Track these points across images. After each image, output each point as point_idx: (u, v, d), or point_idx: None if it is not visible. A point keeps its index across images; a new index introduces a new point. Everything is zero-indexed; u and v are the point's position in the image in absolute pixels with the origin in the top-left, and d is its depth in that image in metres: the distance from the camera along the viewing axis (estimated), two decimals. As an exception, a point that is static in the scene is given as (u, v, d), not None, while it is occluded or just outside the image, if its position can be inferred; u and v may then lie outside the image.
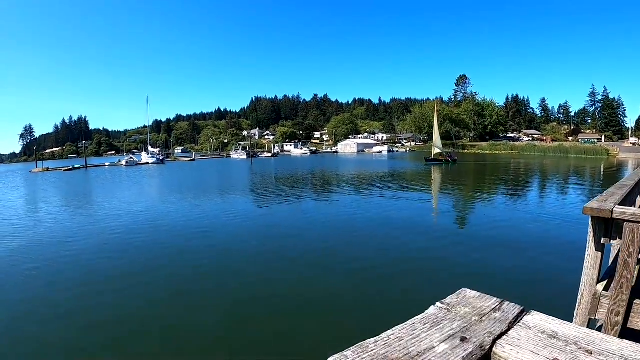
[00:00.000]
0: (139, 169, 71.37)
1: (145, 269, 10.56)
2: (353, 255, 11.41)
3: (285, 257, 11.30)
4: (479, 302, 1.24)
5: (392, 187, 28.11)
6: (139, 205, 23.02)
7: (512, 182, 29.68)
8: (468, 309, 1.20)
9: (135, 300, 8.44)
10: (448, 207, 20.17)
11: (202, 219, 17.60)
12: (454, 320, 1.12)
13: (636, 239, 3.13)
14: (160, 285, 9.28)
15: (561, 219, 15.33)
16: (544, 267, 9.83)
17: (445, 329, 1.08)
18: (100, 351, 6.41)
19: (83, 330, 7.09)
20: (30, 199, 29.29)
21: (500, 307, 1.20)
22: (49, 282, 9.70)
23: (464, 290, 1.33)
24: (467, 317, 1.14)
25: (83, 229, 16.06)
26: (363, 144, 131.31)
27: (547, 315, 1.15)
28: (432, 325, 1.10)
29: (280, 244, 12.79)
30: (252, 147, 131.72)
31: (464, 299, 1.27)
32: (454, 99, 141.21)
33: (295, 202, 21.94)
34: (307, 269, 10.37)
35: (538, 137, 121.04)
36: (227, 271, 10.33)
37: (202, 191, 29.38)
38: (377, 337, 1.02)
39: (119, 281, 9.57)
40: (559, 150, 78.84)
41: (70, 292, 8.91)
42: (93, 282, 9.60)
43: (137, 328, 7.23)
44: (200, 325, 7.21)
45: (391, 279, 9.20)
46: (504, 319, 1.13)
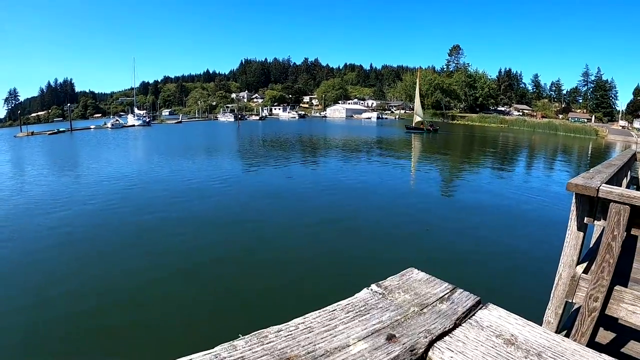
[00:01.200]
0: (125, 132, 71.02)
1: (124, 230, 10.94)
2: (326, 216, 11.78)
3: (259, 219, 11.56)
4: (425, 288, 1.06)
5: (376, 153, 29.33)
6: (122, 167, 22.97)
7: (499, 155, 30.00)
8: (409, 295, 1.02)
9: (123, 260, 8.83)
10: (428, 175, 20.23)
11: (182, 181, 17.83)
12: (386, 309, 0.95)
13: (622, 222, 2.87)
14: (142, 246, 9.63)
15: (544, 196, 15.36)
16: (521, 246, 9.55)
17: (372, 321, 0.90)
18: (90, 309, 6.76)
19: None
20: (14, 163, 29.12)
21: (450, 296, 1.02)
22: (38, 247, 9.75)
23: (410, 270, 1.15)
24: (404, 307, 0.96)
25: (65, 192, 16.21)
26: (352, 110, 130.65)
27: (509, 311, 0.96)
28: (356, 314, 0.92)
29: (259, 208, 13.06)
30: (240, 110, 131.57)
31: (407, 282, 1.08)
32: (446, 68, 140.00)
33: (279, 166, 22.26)
34: (288, 228, 10.86)
35: (528, 113, 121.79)
36: (206, 231, 10.75)
37: (185, 154, 29.60)
38: (283, 324, 0.88)
39: (102, 244, 9.80)
40: (549, 127, 79.56)
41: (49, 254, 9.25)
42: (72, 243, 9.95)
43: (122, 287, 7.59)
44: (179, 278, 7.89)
45: (361, 241, 9.48)
46: (451, 312, 0.95)
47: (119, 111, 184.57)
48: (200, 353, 0.67)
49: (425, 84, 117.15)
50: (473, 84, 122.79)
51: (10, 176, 21.53)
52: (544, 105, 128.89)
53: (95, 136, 60.97)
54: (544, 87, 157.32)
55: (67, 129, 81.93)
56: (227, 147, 35.16)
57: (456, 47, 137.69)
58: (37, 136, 70.86)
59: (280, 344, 0.80)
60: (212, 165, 23.06)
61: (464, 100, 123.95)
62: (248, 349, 0.76)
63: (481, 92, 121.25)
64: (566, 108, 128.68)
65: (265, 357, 0.74)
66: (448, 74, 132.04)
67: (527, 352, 0.81)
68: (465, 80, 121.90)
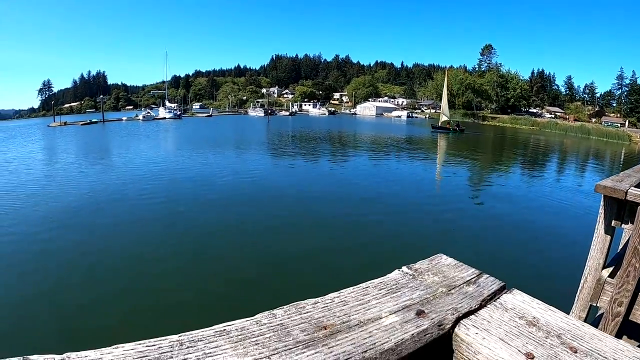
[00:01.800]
0: (156, 124, 72.88)
1: (153, 218, 11.56)
2: (351, 211, 12.08)
3: (283, 215, 11.76)
4: (453, 272, 1.11)
5: (405, 152, 29.66)
6: (152, 157, 24.18)
7: (529, 157, 29.94)
8: (437, 277, 1.07)
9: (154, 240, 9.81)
10: (456, 174, 20.51)
11: (208, 173, 18.57)
12: (416, 289, 0.99)
13: (650, 226, 2.89)
14: (165, 234, 10.19)
15: (572, 199, 15.17)
16: (547, 247, 9.61)
17: (402, 298, 0.94)
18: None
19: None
20: (48, 151, 30.57)
21: (476, 280, 1.07)
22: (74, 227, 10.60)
23: (439, 255, 1.22)
24: (433, 288, 1.00)
25: (98, 179, 17.24)
26: (382, 108, 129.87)
27: (532, 297, 0.99)
28: (388, 291, 0.97)
29: (294, 197, 13.68)
30: (270, 105, 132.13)
31: (436, 266, 1.14)
32: (478, 68, 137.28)
33: (311, 161, 22.97)
34: (312, 221, 11.21)
35: (561, 115, 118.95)
36: (229, 223, 11.09)
37: (217, 147, 30.50)
38: (319, 297, 0.91)
39: (126, 227, 10.65)
40: (581, 131, 77.66)
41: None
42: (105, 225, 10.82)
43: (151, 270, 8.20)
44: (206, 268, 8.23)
45: (388, 235, 9.71)
46: (477, 294, 0.98)
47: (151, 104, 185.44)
48: (242, 319, 0.71)
49: (456, 83, 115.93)
50: (505, 84, 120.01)
51: (46, 163, 22.87)
52: (577, 108, 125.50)
53: (127, 127, 63.05)
54: (577, 89, 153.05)
55: (99, 120, 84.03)
56: (258, 142, 35.91)
57: (488, 47, 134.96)
58: (70, 126, 73.27)
59: (317, 314, 0.84)
60: (244, 159, 23.72)
61: (496, 100, 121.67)
62: (287, 317, 0.80)
63: (513, 93, 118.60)
64: (599, 112, 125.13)
65: (303, 324, 0.78)
66: (480, 74, 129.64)
67: (548, 334, 0.84)
68: (497, 80, 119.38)
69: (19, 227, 10.65)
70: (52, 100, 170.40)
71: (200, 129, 55.00)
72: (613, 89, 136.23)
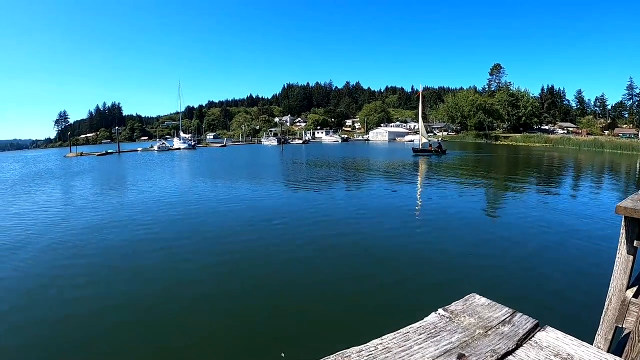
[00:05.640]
0: (171, 154, 73.86)
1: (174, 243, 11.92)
2: (371, 244, 11.53)
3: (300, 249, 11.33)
4: (488, 312, 1.13)
5: (418, 177, 29.13)
6: (169, 188, 24.82)
7: (543, 176, 29.56)
8: (473, 319, 1.09)
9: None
10: (475, 200, 19.65)
11: (228, 202, 18.77)
12: (454, 332, 1.01)
13: (673, 245, 2.76)
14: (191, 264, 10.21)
15: (591, 219, 14.70)
16: (569, 269, 9.47)
17: (443, 342, 0.96)
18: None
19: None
20: (65, 184, 30.96)
21: (510, 319, 1.10)
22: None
23: (472, 296, 1.25)
24: (470, 330, 1.03)
25: (113, 211, 17.62)
26: (394, 133, 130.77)
27: (565, 333, 1.03)
28: (428, 336, 0.99)
29: (314, 231, 13.15)
30: (283, 134, 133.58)
31: (470, 307, 1.17)
32: (487, 88, 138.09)
33: (323, 190, 22.62)
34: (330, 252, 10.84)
35: (573, 130, 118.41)
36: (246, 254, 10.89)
37: (231, 177, 30.72)
38: (363, 345, 0.93)
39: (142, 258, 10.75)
40: (594, 145, 77.34)
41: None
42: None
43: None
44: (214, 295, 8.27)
45: (406, 275, 9.16)
46: (512, 334, 1.01)
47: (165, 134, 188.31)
48: None
49: (467, 104, 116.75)
50: (515, 102, 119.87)
51: (66, 197, 23.62)
52: (589, 122, 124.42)
53: (143, 158, 63.83)
54: (587, 102, 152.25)
55: (115, 150, 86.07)
56: (274, 171, 36.03)
57: (497, 66, 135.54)
58: (86, 157, 74.90)
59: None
60: (265, 188, 23.63)
61: (507, 120, 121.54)
62: None
63: (524, 111, 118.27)
64: (612, 124, 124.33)
65: None
66: (490, 94, 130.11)
67: None
68: (508, 99, 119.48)
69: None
70: (69, 131, 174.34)
71: (216, 160, 55.46)
72: (624, 99, 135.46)
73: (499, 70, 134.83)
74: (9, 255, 11.31)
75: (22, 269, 10.14)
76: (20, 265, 10.42)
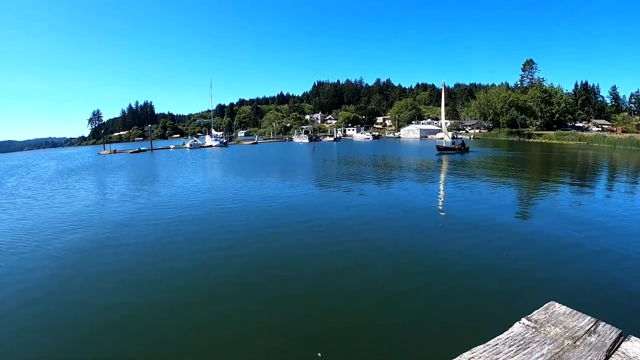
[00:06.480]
0: (203, 152, 74.92)
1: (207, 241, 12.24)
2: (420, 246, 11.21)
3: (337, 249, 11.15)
4: (571, 321, 1.08)
5: (454, 175, 28.71)
6: (203, 185, 25.68)
7: (576, 176, 28.56)
8: (559, 329, 1.04)
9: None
10: (510, 201, 18.97)
11: (262, 200, 19.07)
12: (543, 343, 0.96)
13: None
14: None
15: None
16: (621, 271, 8.94)
17: (534, 354, 0.91)
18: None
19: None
20: (100, 181, 32.31)
21: (595, 328, 1.05)
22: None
23: (552, 304, 1.20)
24: (559, 341, 0.97)
25: (149, 206, 18.63)
26: (426, 130, 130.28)
27: None
28: (518, 348, 0.95)
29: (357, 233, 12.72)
30: (314, 132, 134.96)
31: (553, 316, 1.11)
32: (520, 84, 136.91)
33: (357, 189, 22.46)
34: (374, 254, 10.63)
35: (608, 128, 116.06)
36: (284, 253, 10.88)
37: (264, 174, 30.95)
38: (454, 359, 0.91)
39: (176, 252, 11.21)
40: (630, 143, 75.10)
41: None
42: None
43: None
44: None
45: (464, 278, 8.76)
46: (600, 345, 0.96)
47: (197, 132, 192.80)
48: None
49: (499, 101, 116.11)
50: (549, 99, 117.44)
51: (103, 192, 24.96)
52: (624, 119, 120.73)
53: (175, 155, 64.92)
54: (622, 99, 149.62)
55: (147, 148, 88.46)
56: (308, 169, 35.51)
57: (530, 62, 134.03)
58: (119, 154, 77.85)
59: None
60: (300, 188, 23.46)
61: (540, 117, 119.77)
62: None
63: (557, 108, 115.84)
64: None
65: None
66: (522, 90, 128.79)
67: None
68: (541, 95, 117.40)
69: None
70: (102, 129, 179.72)
71: (248, 157, 55.46)
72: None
73: (531, 66, 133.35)
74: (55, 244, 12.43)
75: (73, 262, 10.84)
76: (72, 258, 11.15)
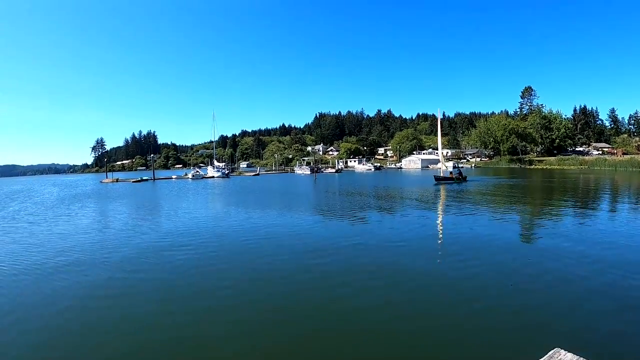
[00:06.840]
0: (205, 183, 74.65)
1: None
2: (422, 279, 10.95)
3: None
4: None
5: (460, 206, 27.88)
6: (204, 216, 25.77)
7: (579, 201, 28.47)
8: None
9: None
10: (514, 231, 18.67)
11: (261, 235, 18.45)
12: None
13: None
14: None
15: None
16: (625, 304, 8.56)
17: None
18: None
19: None
20: (102, 210, 32.80)
21: None
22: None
23: (557, 351, 1.12)
24: None
25: (150, 236, 18.72)
26: (427, 160, 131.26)
27: None
28: None
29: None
30: (316, 163, 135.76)
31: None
32: (519, 111, 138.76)
33: (361, 220, 22.36)
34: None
35: (608, 150, 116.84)
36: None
37: (264, 207, 30.48)
38: None
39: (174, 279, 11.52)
40: (631, 164, 76.88)
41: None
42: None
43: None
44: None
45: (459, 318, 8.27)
46: None
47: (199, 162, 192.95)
48: None
49: (499, 129, 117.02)
50: (548, 125, 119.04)
51: (103, 222, 24.96)
52: (624, 141, 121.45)
53: (177, 186, 64.79)
54: (622, 121, 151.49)
55: (150, 177, 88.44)
56: (311, 202, 34.28)
57: (528, 89, 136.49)
58: (121, 183, 78.20)
59: None
60: (305, 219, 23.18)
61: (540, 143, 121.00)
62: None
63: (557, 134, 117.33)
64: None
65: None
66: (522, 117, 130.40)
67: None
68: (540, 122, 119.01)
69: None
70: (105, 157, 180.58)
71: (250, 188, 54.91)
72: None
73: (530, 93, 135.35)
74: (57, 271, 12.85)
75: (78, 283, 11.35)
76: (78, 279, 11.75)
